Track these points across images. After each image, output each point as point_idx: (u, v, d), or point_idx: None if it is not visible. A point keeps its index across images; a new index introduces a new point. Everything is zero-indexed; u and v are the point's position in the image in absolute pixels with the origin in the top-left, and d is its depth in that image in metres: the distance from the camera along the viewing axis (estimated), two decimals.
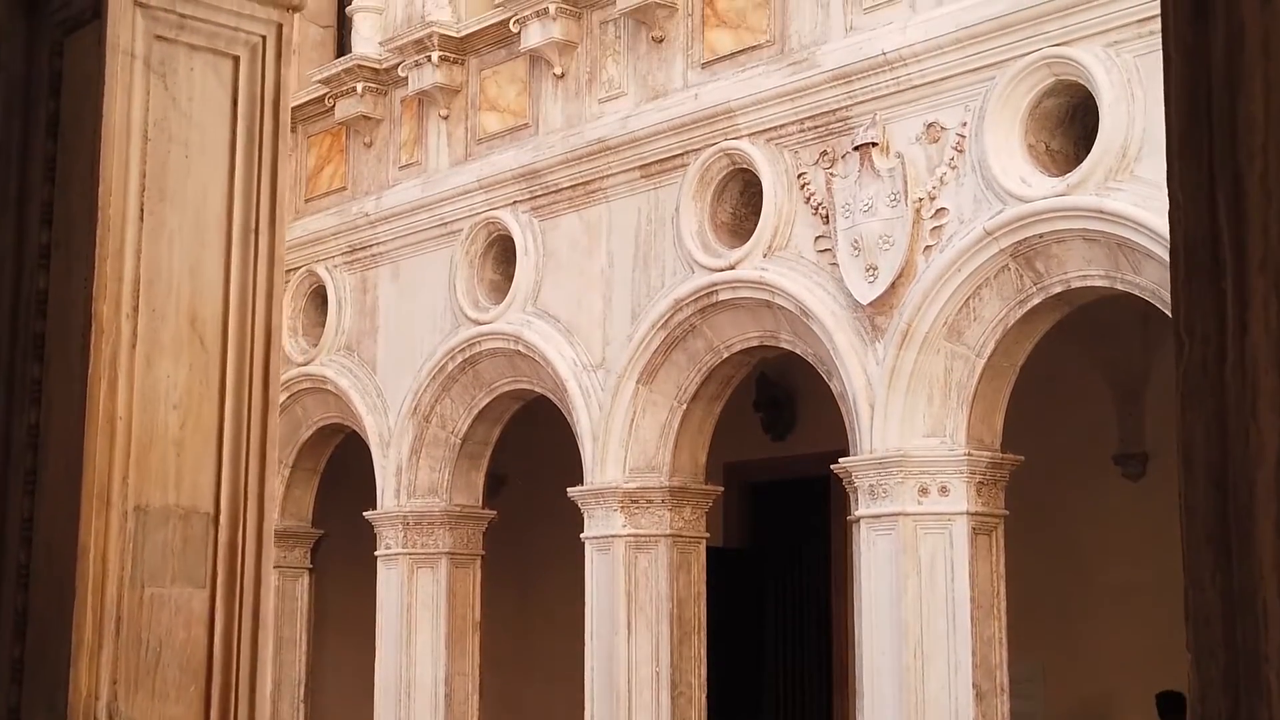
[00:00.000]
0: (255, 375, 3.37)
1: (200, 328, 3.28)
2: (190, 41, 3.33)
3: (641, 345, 11.76)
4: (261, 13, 3.39)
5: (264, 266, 3.36)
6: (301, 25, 15.58)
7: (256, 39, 3.41)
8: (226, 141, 3.34)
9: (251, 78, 3.39)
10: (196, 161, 3.31)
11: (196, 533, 3.28)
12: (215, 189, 3.34)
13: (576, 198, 12.50)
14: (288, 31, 3.43)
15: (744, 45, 11.48)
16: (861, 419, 10.40)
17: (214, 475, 3.32)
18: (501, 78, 13.37)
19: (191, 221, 3.29)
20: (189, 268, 3.30)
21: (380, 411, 14.06)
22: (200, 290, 3.30)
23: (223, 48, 3.37)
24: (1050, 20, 9.68)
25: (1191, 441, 1.63)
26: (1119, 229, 9.31)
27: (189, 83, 3.33)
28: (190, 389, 3.30)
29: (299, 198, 15.30)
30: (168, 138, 3.27)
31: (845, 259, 10.56)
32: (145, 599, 3.23)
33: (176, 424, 3.28)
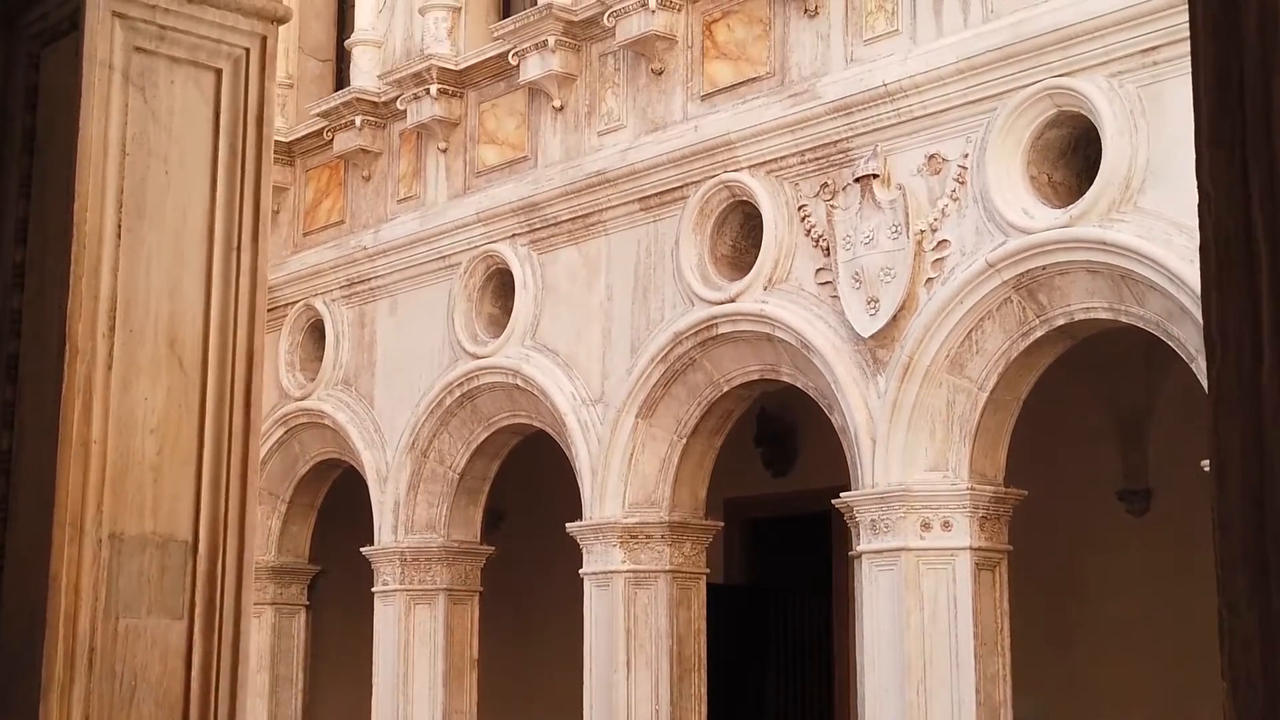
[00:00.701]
0: (236, 399, 3.26)
1: (179, 349, 3.17)
2: (171, 54, 3.23)
3: (641, 379, 11.66)
4: (245, 24, 3.29)
5: (246, 286, 3.25)
6: (301, 59, 15.57)
7: (239, 51, 3.31)
8: (208, 157, 3.24)
9: (234, 91, 3.29)
10: (177, 177, 3.20)
11: (174, 562, 3.16)
12: (196, 206, 3.23)
13: (575, 231, 12.43)
14: (272, 44, 3.34)
15: (744, 77, 11.42)
16: (863, 453, 10.30)
17: (193, 502, 3.20)
18: (500, 110, 13.32)
19: (171, 239, 3.18)
20: (168, 287, 3.18)
21: (378, 446, 13.95)
22: (179, 310, 3.19)
23: (205, 60, 3.26)
24: (1052, 51, 9.62)
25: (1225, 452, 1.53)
26: (1122, 260, 9.23)
27: (169, 96, 3.23)
28: (168, 412, 3.19)
29: (297, 231, 15.25)
30: (147, 152, 3.17)
31: (846, 291, 10.47)
32: (119, 631, 3.11)
33: (154, 449, 3.16)
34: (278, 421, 14.89)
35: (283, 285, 14.99)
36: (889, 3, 10.59)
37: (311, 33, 15.75)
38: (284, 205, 15.40)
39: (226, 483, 3.20)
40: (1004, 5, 9.99)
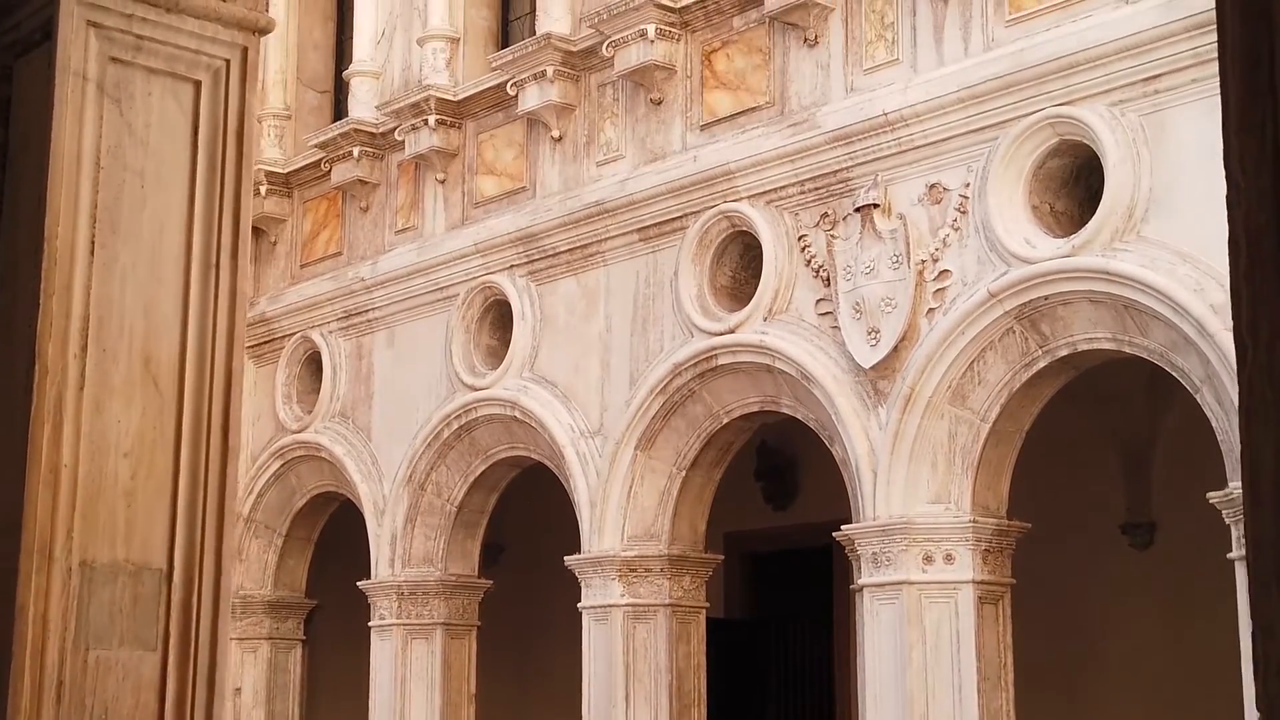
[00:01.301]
0: (214, 421, 3.15)
1: (154, 369, 3.06)
2: (148, 64, 3.13)
3: (640, 411, 11.57)
4: (225, 35, 3.19)
5: (225, 305, 3.14)
6: (299, 90, 15.52)
7: (219, 63, 3.21)
8: (186, 171, 3.14)
9: (214, 104, 3.19)
10: (153, 192, 3.10)
11: (148, 591, 3.04)
12: (173, 222, 3.13)
13: (574, 261, 12.35)
14: (253, 55, 3.24)
15: (743, 107, 11.35)
16: (864, 485, 10.19)
17: (167, 529, 3.09)
18: (499, 141, 13.25)
19: (147, 256, 3.08)
20: (143, 305, 3.08)
21: (375, 479, 13.84)
22: (155, 329, 3.08)
23: (183, 72, 3.17)
24: (1053, 80, 9.55)
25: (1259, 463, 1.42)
26: (1126, 290, 9.14)
27: (146, 108, 3.13)
28: (143, 435, 3.07)
29: (294, 263, 15.17)
30: (122, 166, 3.07)
31: (847, 322, 10.38)
32: (90, 662, 2.99)
33: (127, 473, 3.05)
34: (274, 454, 14.79)
35: (280, 317, 14.92)
36: (889, 32, 10.54)
37: (310, 64, 15.70)
38: (281, 237, 15.33)
39: (203, 509, 3.09)
40: (1005, 34, 9.93)
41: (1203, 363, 8.87)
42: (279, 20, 15.42)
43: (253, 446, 15.13)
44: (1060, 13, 9.66)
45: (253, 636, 15.01)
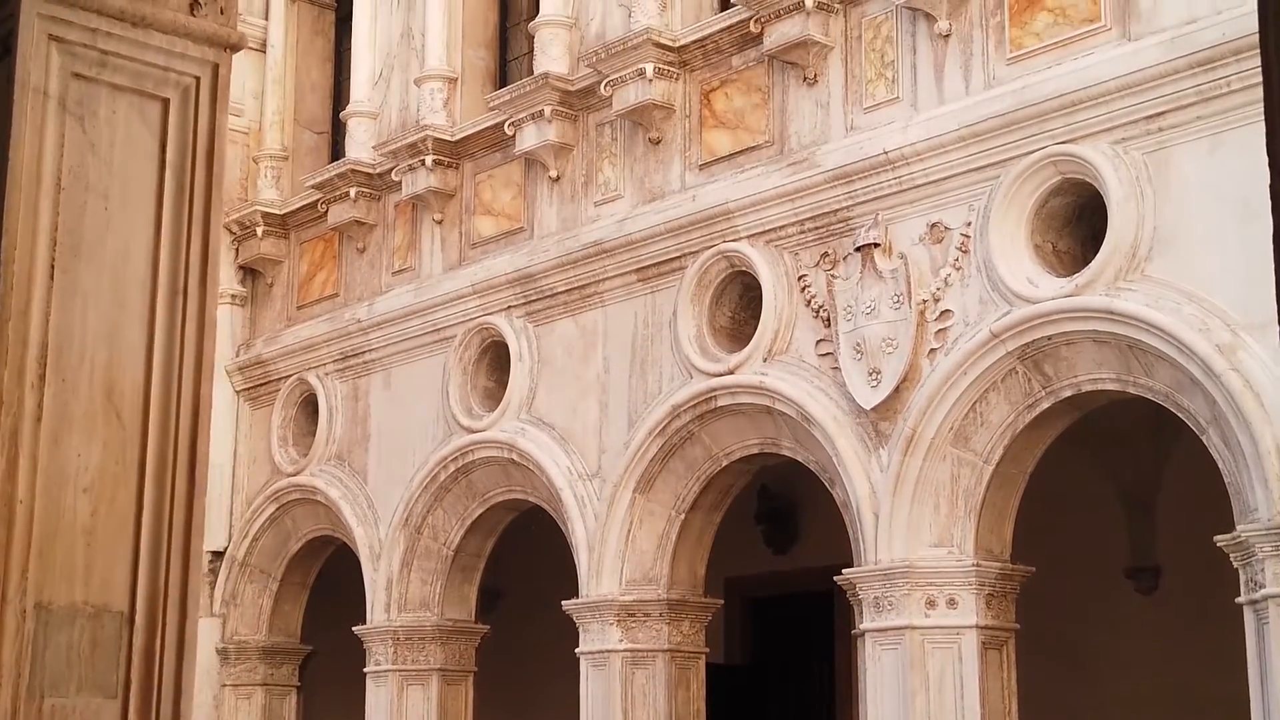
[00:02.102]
0: (180, 456, 3.01)
1: (117, 401, 2.93)
2: (113, 81, 3.01)
3: (638, 453, 11.44)
4: (195, 51, 3.07)
5: (193, 333, 3.01)
6: (296, 131, 15.45)
7: (189, 80, 3.08)
8: (153, 192, 3.01)
9: (183, 123, 3.06)
10: (118, 214, 2.97)
11: (108, 635, 2.89)
12: (138, 245, 3.00)
13: (572, 302, 12.24)
14: (224, 73, 3.11)
15: (743, 146, 11.26)
16: (866, 528, 10.05)
17: (129, 569, 2.93)
18: (496, 181, 13.17)
19: (110, 281, 2.95)
20: (105, 333, 2.94)
21: (371, 523, 13.70)
22: (118, 358, 2.94)
23: (150, 89, 3.04)
24: (1055, 118, 9.45)
25: None
26: (1130, 330, 9.01)
27: (111, 126, 3.01)
28: (104, 470, 2.93)
29: (290, 305, 15.07)
30: (84, 187, 2.94)
31: (847, 363, 10.25)
32: (45, 711, 2.83)
33: (87, 510, 2.91)
34: (269, 498, 14.67)
35: (276, 359, 14.81)
36: (889, 70, 10.45)
37: (307, 105, 15.64)
38: (278, 278, 15.23)
39: (168, 548, 2.94)
40: (1006, 72, 9.84)
41: (1209, 403, 8.73)
42: (276, 61, 15.39)
43: (248, 490, 15.02)
44: (1061, 50, 9.57)
45: (247, 683, 14.85)
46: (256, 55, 15.64)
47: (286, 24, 15.61)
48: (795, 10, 10.70)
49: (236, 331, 15.36)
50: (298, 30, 15.66)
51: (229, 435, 15.19)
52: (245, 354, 15.19)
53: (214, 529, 15.01)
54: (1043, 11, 9.72)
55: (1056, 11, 9.65)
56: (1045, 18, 9.70)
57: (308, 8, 15.79)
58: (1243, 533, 8.54)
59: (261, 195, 15.21)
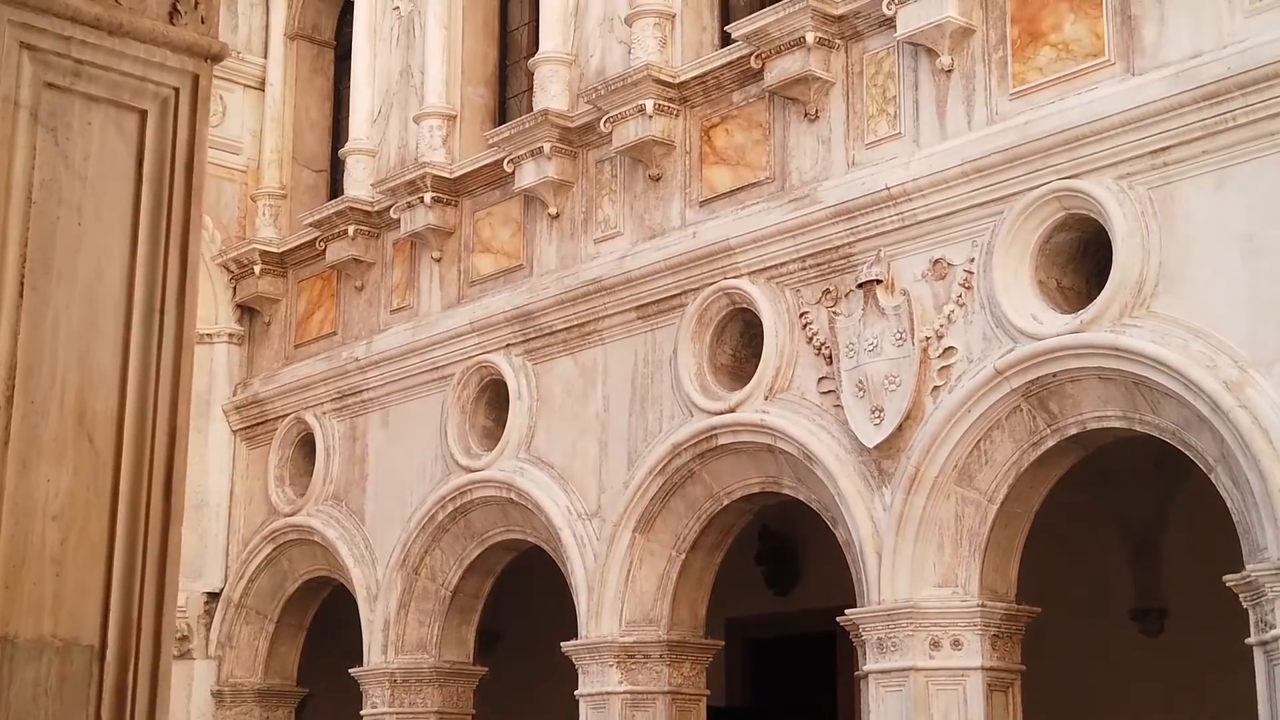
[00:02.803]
0: (155, 483, 2.88)
1: (89, 424, 2.80)
2: (88, 91, 2.90)
3: (638, 492, 11.32)
4: (174, 61, 2.96)
5: (169, 355, 2.89)
6: (294, 169, 15.38)
7: (168, 91, 2.98)
8: (129, 208, 2.89)
9: (160, 135, 2.95)
10: (91, 229, 2.86)
11: (77, 670, 2.76)
12: (113, 262, 2.88)
13: (571, 340, 12.14)
14: (205, 84, 3.00)
15: (743, 182, 11.18)
16: (869, 568, 9.91)
17: (101, 601, 2.80)
18: (495, 219, 13.08)
19: (82, 299, 2.83)
20: (77, 354, 2.82)
21: (368, 563, 13.57)
22: (91, 381, 2.82)
23: (127, 100, 2.93)
24: (1059, 153, 9.36)
25: None
26: (1136, 367, 8.90)
27: (85, 139, 2.89)
28: (75, 497, 2.80)
29: (288, 344, 14.98)
30: (57, 201, 2.83)
31: (850, 401, 10.14)
32: None
33: (56, 538, 2.78)
34: (266, 538, 14.54)
35: (273, 398, 14.71)
36: (891, 106, 10.38)
37: (306, 143, 15.59)
38: (275, 317, 15.14)
39: (141, 579, 2.81)
40: (1009, 107, 9.75)
41: (1216, 441, 8.61)
42: (275, 100, 15.35)
43: (244, 530, 14.90)
44: (1065, 85, 9.49)
45: None
46: (255, 93, 15.61)
47: (285, 62, 15.57)
48: (796, 46, 10.64)
49: (234, 370, 15.26)
50: (297, 68, 15.62)
51: (225, 475, 15.07)
52: (242, 393, 15.08)
53: (210, 570, 14.89)
54: (1045, 46, 9.65)
55: (1059, 46, 9.58)
56: (1048, 53, 9.62)
57: (307, 46, 15.75)
58: (1252, 572, 8.41)
59: (259, 233, 15.14)
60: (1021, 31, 9.77)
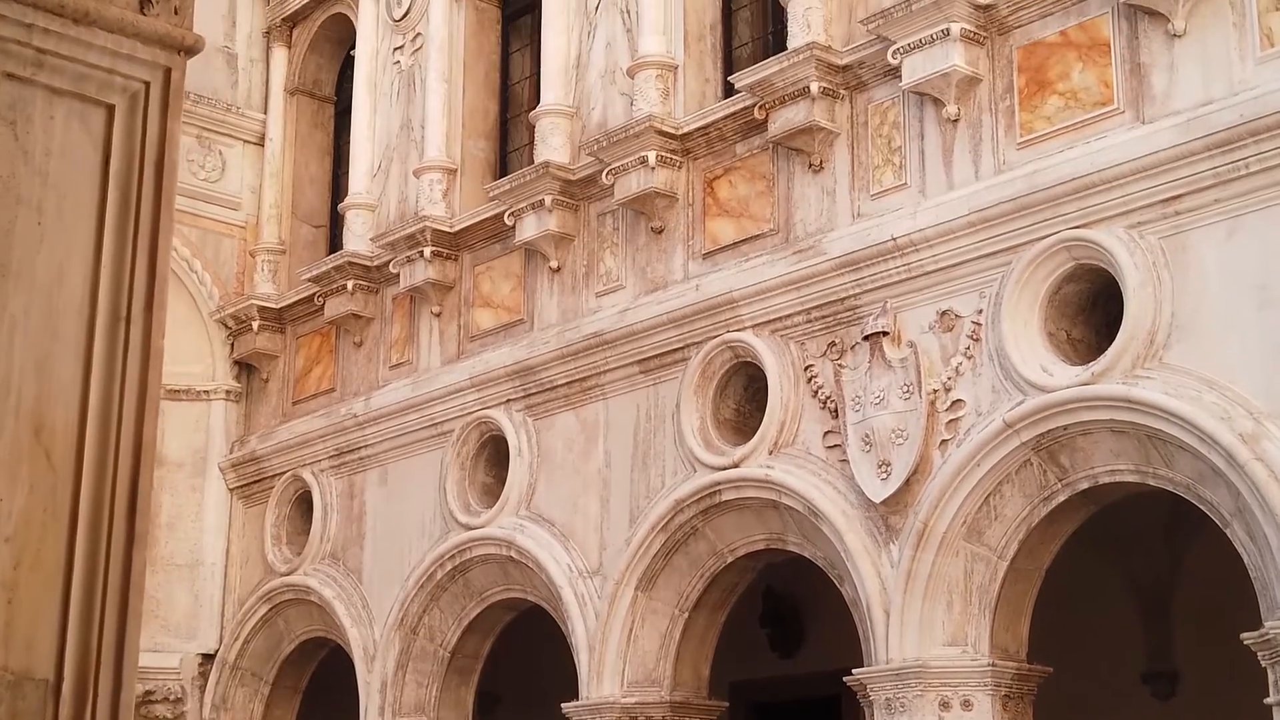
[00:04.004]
0: (118, 503, 2.68)
1: (47, 439, 2.61)
2: (51, 83, 2.72)
3: (640, 549, 11.12)
4: (145, 53, 2.78)
5: (135, 365, 2.70)
6: (293, 225, 15.27)
7: (137, 85, 2.80)
8: (94, 208, 2.72)
9: (129, 132, 2.78)
10: (52, 230, 2.68)
11: (29, 706, 2.55)
12: (76, 266, 2.70)
13: (572, 395, 11.97)
14: (178, 78, 2.83)
15: (747, 234, 11.04)
16: (876, 627, 9.69)
17: (57, 631, 2.60)
18: (496, 273, 12.94)
19: (42, 304, 2.64)
20: (35, 362, 2.63)
21: (365, 623, 13.34)
22: (49, 392, 2.63)
23: (94, 94, 2.75)
24: (1068, 202, 9.22)
25: None
26: (1149, 419, 8.71)
27: (47, 134, 2.72)
28: (29, 518, 2.60)
29: (286, 400, 14.82)
30: (15, 199, 2.65)
31: (856, 455, 9.95)
32: None
33: (9, 563, 2.57)
34: (262, 598, 14.32)
35: (270, 455, 14.52)
36: (896, 156, 10.25)
37: (305, 198, 15.48)
38: (273, 374, 14.98)
39: (101, 608, 2.60)
40: (1016, 156, 9.62)
41: (1233, 495, 8.42)
42: (274, 155, 15.25)
43: (240, 590, 14.70)
44: (1073, 134, 9.36)
45: None
46: (254, 148, 15.52)
47: (285, 117, 15.49)
48: (800, 96, 10.52)
49: (231, 428, 15.08)
50: (297, 123, 15.54)
51: (221, 534, 14.88)
52: (239, 450, 14.90)
53: (205, 631, 14.68)
54: (1054, 95, 9.52)
55: (1068, 95, 9.45)
56: (1056, 101, 9.50)
57: (307, 101, 15.68)
58: (1270, 630, 8.20)
59: (258, 289, 15.01)
60: (1029, 80, 9.66)
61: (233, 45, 15.76)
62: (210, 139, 15.36)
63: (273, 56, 15.75)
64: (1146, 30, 9.13)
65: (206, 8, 15.33)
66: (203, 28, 12.87)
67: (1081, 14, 9.46)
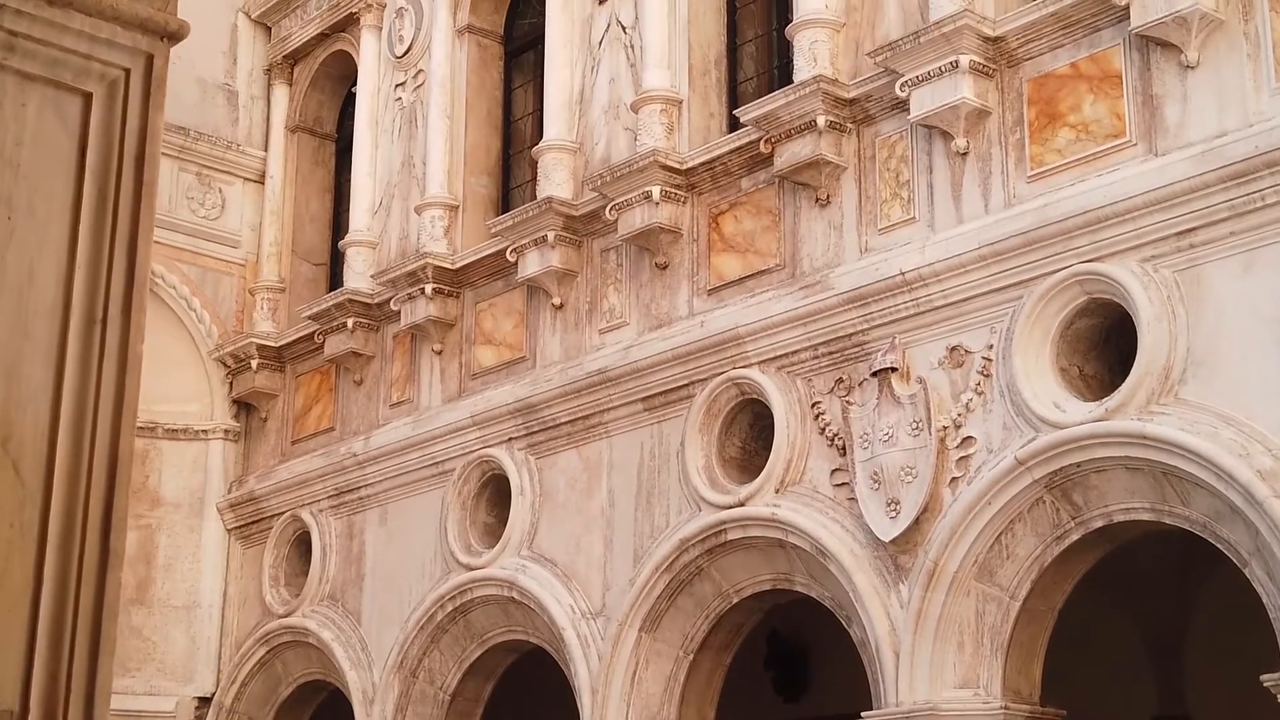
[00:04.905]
0: (91, 521, 2.50)
1: (15, 451, 2.43)
2: (22, 68, 2.56)
3: (644, 590, 10.93)
4: (125, 38, 2.61)
5: (111, 372, 2.52)
6: (293, 262, 15.14)
7: (117, 72, 2.63)
8: (68, 203, 2.55)
9: (107, 121, 2.61)
10: (23, 226, 2.51)
11: None
12: (48, 265, 2.53)
13: (575, 433, 11.80)
14: (160, 65, 2.66)
15: (753, 270, 10.89)
16: (885, 669, 9.50)
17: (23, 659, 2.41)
18: (498, 310, 12.79)
19: (11, 306, 2.47)
20: (2, 368, 2.45)
21: (364, 666, 13.14)
22: (18, 399, 2.45)
23: (69, 80, 2.59)
24: (1080, 235, 9.07)
25: None
26: (1165, 456, 8.54)
27: (18, 123, 2.55)
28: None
29: (285, 440, 14.65)
30: None
31: (864, 493, 9.77)
32: None
33: None
34: (259, 641, 14.12)
35: (268, 496, 14.35)
36: (905, 190, 10.11)
37: (306, 236, 15.35)
38: (272, 413, 14.82)
39: (72, 636, 2.41)
40: (1027, 189, 9.48)
41: (1251, 534, 8.23)
42: (274, 192, 15.14)
43: (237, 633, 14.50)
44: (1085, 166, 9.21)
45: None
46: (255, 186, 15.41)
47: (286, 155, 15.39)
48: (807, 130, 10.38)
49: (229, 468, 14.91)
50: (297, 161, 15.43)
51: (219, 576, 14.69)
52: (237, 491, 14.72)
53: (201, 674, 14.49)
54: (1064, 128, 9.39)
55: (1079, 128, 9.31)
56: (1067, 134, 9.36)
57: (308, 138, 15.57)
58: None
59: (257, 327, 14.87)
60: (1039, 113, 9.52)
61: (233, 82, 15.66)
62: (210, 176, 15.25)
63: (274, 94, 15.66)
64: (1159, 62, 9.00)
65: (207, 45, 15.25)
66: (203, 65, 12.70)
67: (1092, 46, 9.34)
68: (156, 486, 14.66)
